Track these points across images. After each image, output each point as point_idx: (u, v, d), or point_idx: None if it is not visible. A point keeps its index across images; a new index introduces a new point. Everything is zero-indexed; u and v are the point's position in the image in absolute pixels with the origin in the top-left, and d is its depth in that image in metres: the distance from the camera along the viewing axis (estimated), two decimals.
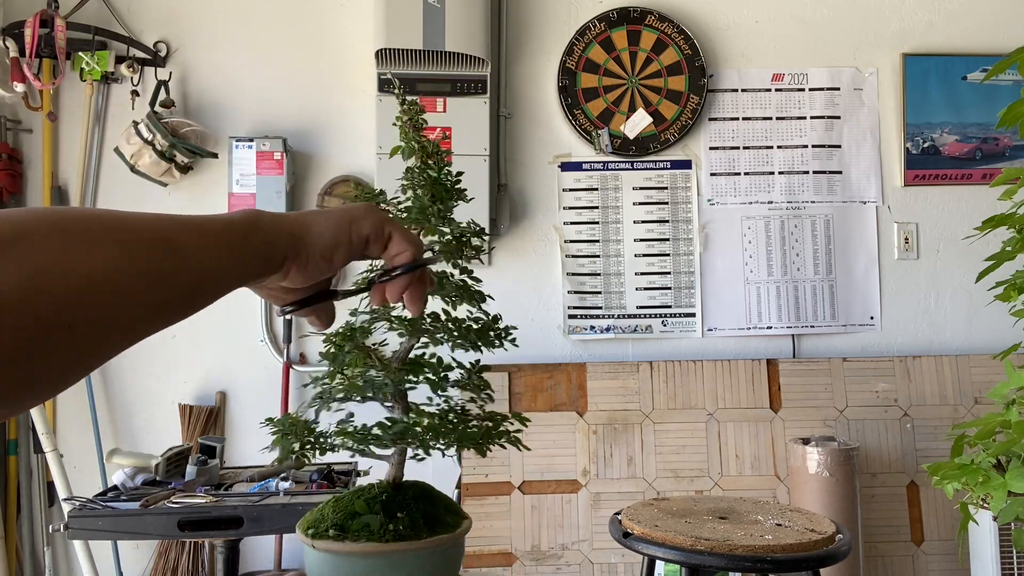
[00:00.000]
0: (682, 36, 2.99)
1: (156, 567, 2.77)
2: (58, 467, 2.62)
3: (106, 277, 0.40)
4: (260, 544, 2.81)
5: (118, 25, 2.91)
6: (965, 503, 2.20)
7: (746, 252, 3.02)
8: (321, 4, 2.98)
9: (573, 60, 2.97)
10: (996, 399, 2.15)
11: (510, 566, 2.68)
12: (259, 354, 2.89)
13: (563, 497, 2.74)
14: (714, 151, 3.03)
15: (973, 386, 2.88)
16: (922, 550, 2.76)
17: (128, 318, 0.42)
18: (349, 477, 2.12)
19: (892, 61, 3.07)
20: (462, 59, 2.72)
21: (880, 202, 3.06)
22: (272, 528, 1.90)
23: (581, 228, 2.99)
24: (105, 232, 0.42)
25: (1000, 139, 3.08)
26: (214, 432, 2.85)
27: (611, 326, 2.96)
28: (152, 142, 2.72)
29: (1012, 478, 1.98)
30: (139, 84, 2.89)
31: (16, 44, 2.76)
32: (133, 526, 1.85)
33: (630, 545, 1.70)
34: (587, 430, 2.78)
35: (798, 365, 2.90)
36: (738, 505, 1.90)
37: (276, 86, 2.96)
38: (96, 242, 0.41)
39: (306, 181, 2.94)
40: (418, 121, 0.85)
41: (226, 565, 2.06)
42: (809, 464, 2.54)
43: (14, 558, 2.78)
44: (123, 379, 2.89)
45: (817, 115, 3.06)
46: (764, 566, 1.56)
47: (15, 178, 2.85)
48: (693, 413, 2.82)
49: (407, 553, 0.78)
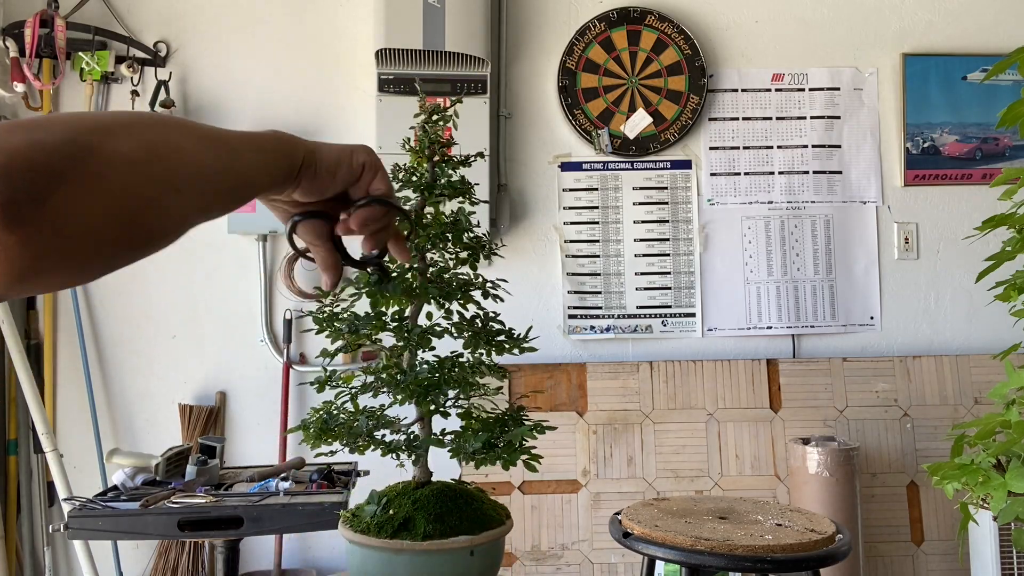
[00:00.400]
0: (682, 36, 2.99)
1: (156, 567, 2.77)
2: (58, 467, 2.62)
3: (195, 159, 0.50)
4: (260, 544, 2.81)
5: (118, 25, 2.91)
6: (965, 503, 2.20)
7: (746, 252, 3.02)
8: (321, 4, 2.98)
9: (573, 60, 2.98)
10: (996, 399, 2.15)
11: (510, 566, 2.68)
12: (259, 354, 2.89)
13: (563, 497, 2.74)
14: (714, 151, 3.03)
15: (973, 386, 2.88)
16: (922, 550, 2.76)
17: (210, 195, 0.52)
18: (349, 477, 2.12)
19: (892, 61, 3.07)
20: (462, 59, 2.72)
21: (880, 202, 3.06)
22: (272, 528, 1.90)
23: (581, 228, 2.99)
24: (191, 129, 0.52)
25: (1000, 139, 3.08)
26: (214, 432, 2.85)
27: (611, 326, 2.96)
28: None
29: (1012, 478, 1.98)
30: (139, 84, 2.89)
31: (16, 44, 2.76)
32: (133, 526, 1.85)
33: (630, 545, 1.70)
34: (587, 430, 2.78)
35: (798, 365, 2.90)
36: (738, 505, 1.90)
37: (276, 86, 2.96)
38: (186, 133, 0.51)
39: None
40: (434, 133, 0.91)
41: (226, 565, 2.06)
42: (809, 464, 2.55)
43: (14, 558, 2.78)
44: (123, 379, 2.89)
45: (817, 115, 3.06)
46: (764, 566, 1.56)
47: None
48: (693, 413, 2.82)
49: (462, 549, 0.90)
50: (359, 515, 0.94)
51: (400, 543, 0.87)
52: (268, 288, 2.89)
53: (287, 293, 2.86)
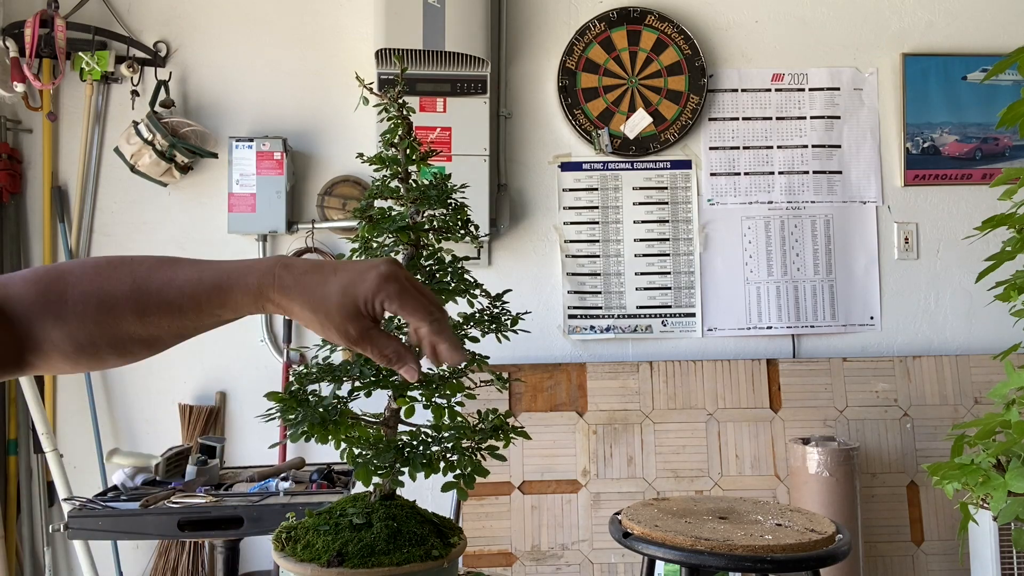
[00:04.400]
0: (682, 36, 2.99)
1: (156, 567, 2.77)
2: (58, 467, 2.62)
3: (185, 288, 0.60)
4: (260, 544, 2.81)
5: (118, 25, 2.91)
6: (965, 503, 2.20)
7: (746, 252, 3.02)
8: (321, 4, 2.98)
9: (573, 60, 2.97)
10: (996, 399, 2.15)
11: (510, 566, 2.68)
12: (259, 354, 2.89)
13: (563, 497, 2.74)
14: (714, 151, 3.03)
15: (973, 386, 2.88)
16: (922, 550, 2.76)
17: (192, 328, 0.64)
18: (349, 477, 2.12)
19: (892, 61, 3.07)
20: (462, 59, 2.72)
21: (880, 202, 3.06)
22: (272, 528, 1.89)
23: (581, 228, 2.99)
24: (182, 260, 0.61)
25: (1000, 139, 3.08)
26: (214, 432, 2.85)
27: (611, 326, 2.96)
28: (152, 142, 2.72)
29: (1012, 478, 1.98)
30: (139, 84, 2.89)
31: (16, 44, 2.76)
32: (133, 526, 1.85)
33: (630, 545, 1.70)
34: (587, 430, 2.79)
35: (798, 365, 2.90)
36: (738, 505, 1.90)
37: (276, 86, 2.95)
38: (177, 265, 0.61)
39: (306, 181, 2.94)
40: (400, 128, 0.87)
41: (226, 565, 2.06)
42: (809, 464, 2.55)
43: (14, 558, 2.78)
44: (123, 379, 2.89)
45: (817, 115, 3.06)
46: (764, 566, 1.56)
47: (15, 178, 2.85)
48: (693, 413, 2.82)
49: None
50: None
51: (305, 568, 0.77)
52: None
53: None
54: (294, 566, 0.76)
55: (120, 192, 2.91)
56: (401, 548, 0.77)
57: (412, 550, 0.77)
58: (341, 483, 2.09)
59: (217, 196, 2.88)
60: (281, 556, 0.79)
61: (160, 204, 2.91)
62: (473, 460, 0.80)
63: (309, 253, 2.86)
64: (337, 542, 0.77)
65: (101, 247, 2.91)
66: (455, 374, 0.85)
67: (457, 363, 0.68)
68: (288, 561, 0.77)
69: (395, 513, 0.80)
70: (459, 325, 0.87)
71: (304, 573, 0.75)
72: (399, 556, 0.76)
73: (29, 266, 2.91)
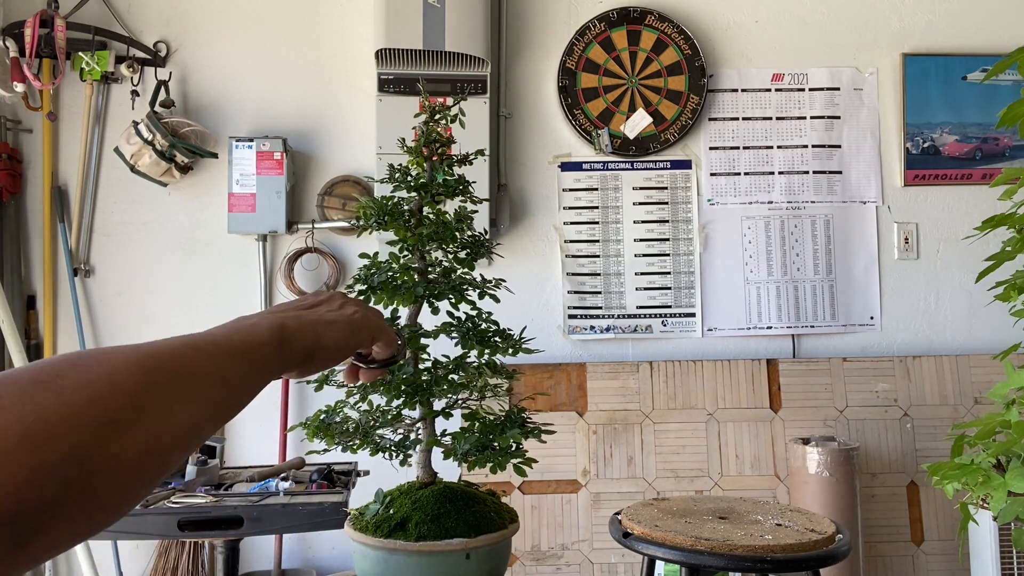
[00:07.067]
0: (682, 36, 2.99)
1: (156, 567, 2.77)
2: None
3: (191, 429, 0.47)
4: (260, 544, 2.81)
5: (118, 25, 2.91)
6: (965, 503, 2.20)
7: (746, 252, 3.02)
8: (321, 4, 2.98)
9: (573, 60, 2.97)
10: (996, 399, 2.15)
11: (510, 566, 2.68)
12: None
13: (563, 497, 2.74)
14: (714, 151, 3.03)
15: (973, 386, 2.88)
16: (922, 550, 2.76)
17: (194, 447, 0.50)
18: (349, 477, 2.12)
19: (892, 61, 3.07)
20: (462, 59, 2.72)
21: (880, 202, 3.06)
22: (272, 528, 1.90)
23: (581, 228, 2.99)
24: (188, 387, 0.47)
25: (1000, 139, 3.08)
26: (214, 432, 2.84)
27: (611, 326, 2.96)
28: (152, 142, 2.72)
29: (1012, 478, 1.98)
30: (139, 84, 2.89)
31: (16, 44, 2.76)
32: (133, 526, 1.85)
33: (630, 545, 1.70)
34: (587, 430, 2.78)
35: (798, 365, 2.90)
36: (738, 505, 1.90)
37: (276, 86, 2.96)
38: (184, 398, 0.47)
39: (306, 181, 2.94)
40: (434, 132, 0.92)
41: (226, 565, 2.06)
42: (809, 464, 2.54)
43: None
44: None
45: (817, 115, 3.06)
46: (764, 566, 1.56)
47: (15, 178, 2.85)
48: (693, 413, 2.82)
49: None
50: (364, 514, 0.94)
51: (394, 543, 0.86)
52: (268, 288, 2.89)
53: (287, 293, 2.86)
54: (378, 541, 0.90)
55: (120, 192, 2.91)
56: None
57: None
58: (341, 483, 2.09)
59: (217, 196, 2.88)
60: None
61: (160, 204, 2.91)
62: (519, 451, 0.96)
63: (309, 253, 2.86)
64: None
65: (101, 247, 2.91)
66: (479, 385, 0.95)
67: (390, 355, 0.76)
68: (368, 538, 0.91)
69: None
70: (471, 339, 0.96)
71: (392, 547, 0.89)
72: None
73: (29, 266, 2.91)
